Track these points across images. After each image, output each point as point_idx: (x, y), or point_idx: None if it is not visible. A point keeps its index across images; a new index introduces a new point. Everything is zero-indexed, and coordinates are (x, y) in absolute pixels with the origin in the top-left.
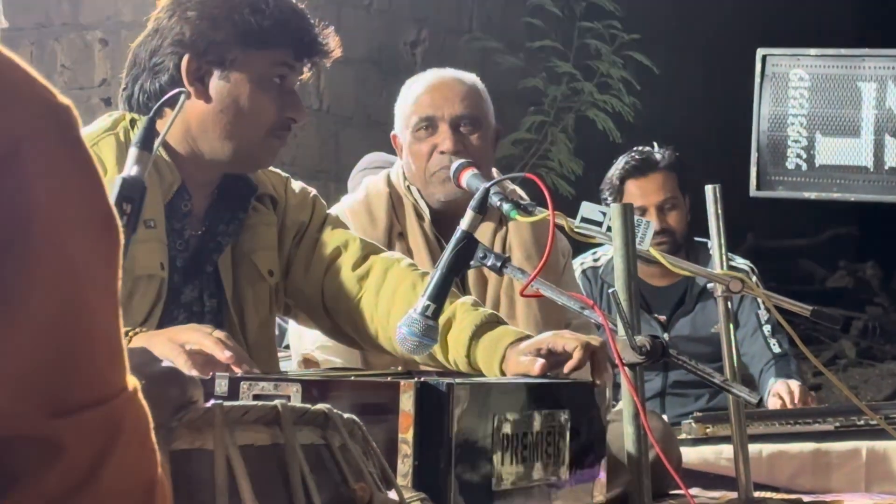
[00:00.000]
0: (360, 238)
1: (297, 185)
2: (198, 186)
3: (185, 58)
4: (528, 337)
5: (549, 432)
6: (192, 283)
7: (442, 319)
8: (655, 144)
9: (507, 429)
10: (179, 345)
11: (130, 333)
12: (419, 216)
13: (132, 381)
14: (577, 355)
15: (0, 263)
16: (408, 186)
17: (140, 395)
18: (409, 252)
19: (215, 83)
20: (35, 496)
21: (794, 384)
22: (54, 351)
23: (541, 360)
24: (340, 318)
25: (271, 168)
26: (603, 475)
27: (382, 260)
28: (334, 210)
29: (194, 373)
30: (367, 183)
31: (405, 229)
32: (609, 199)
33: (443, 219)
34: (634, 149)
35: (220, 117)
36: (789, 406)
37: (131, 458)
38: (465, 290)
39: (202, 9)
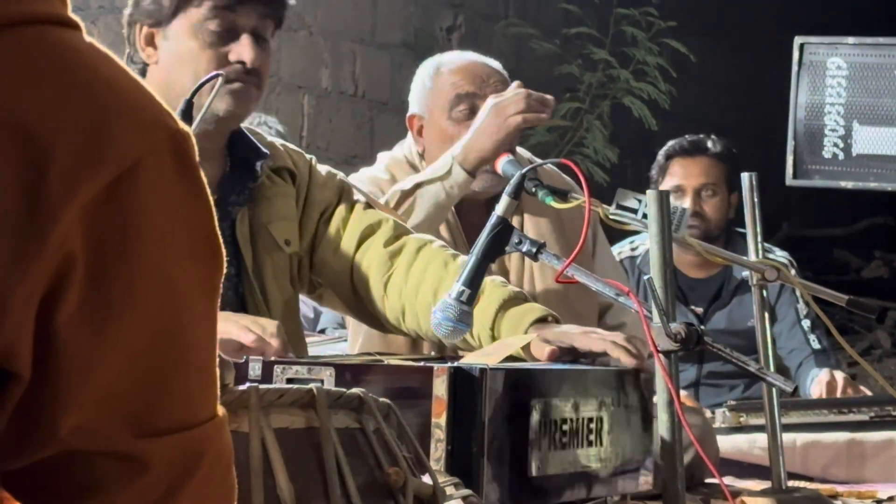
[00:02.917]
0: (393, 219)
1: (322, 167)
2: (202, 152)
3: (137, 25)
4: (553, 316)
5: (591, 419)
6: None
7: None
8: (714, 137)
9: (543, 415)
10: None
11: None
12: None
13: (221, 409)
14: (617, 353)
15: (103, 280)
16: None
17: (227, 424)
18: None
19: (161, 43)
20: None
21: (839, 374)
22: (147, 373)
23: (550, 348)
24: (368, 296)
25: (295, 148)
26: (650, 465)
27: (415, 240)
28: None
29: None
30: (369, 173)
31: None
32: (654, 176)
33: (460, 208)
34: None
35: (168, 75)
36: (829, 394)
37: (210, 487)
38: None
39: None
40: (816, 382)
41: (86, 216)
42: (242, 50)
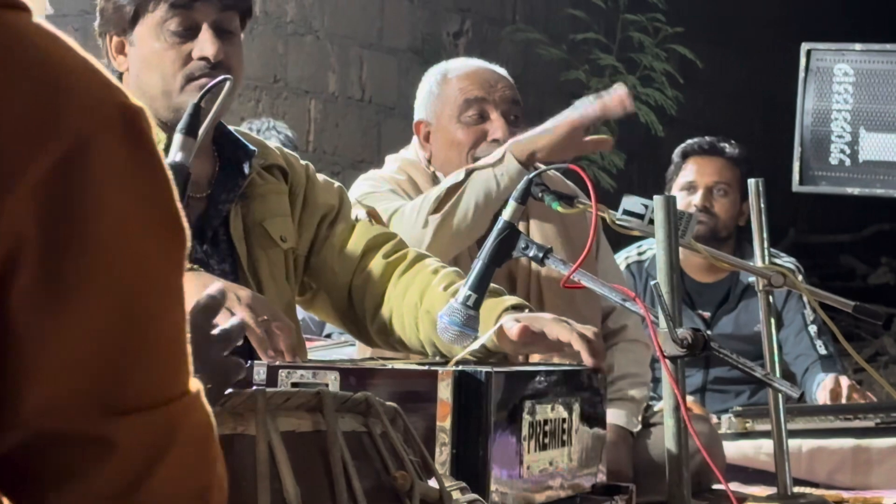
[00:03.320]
0: (398, 236)
1: (319, 175)
2: None
3: (107, 36)
4: (529, 308)
5: (564, 419)
6: (197, 244)
7: (451, 292)
8: (732, 141)
9: (535, 416)
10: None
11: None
12: None
13: (195, 385)
14: (579, 346)
15: (59, 259)
16: (433, 173)
17: (203, 398)
18: None
19: (129, 50)
20: (85, 495)
21: (845, 380)
22: (110, 350)
23: (520, 325)
24: (362, 305)
25: (289, 151)
26: (604, 460)
27: (414, 251)
28: (358, 189)
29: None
30: (384, 173)
31: None
32: (669, 174)
33: None
34: None
35: (138, 80)
36: (833, 401)
37: (186, 463)
38: None
39: None
40: (822, 388)
41: (36, 196)
42: (204, 45)
